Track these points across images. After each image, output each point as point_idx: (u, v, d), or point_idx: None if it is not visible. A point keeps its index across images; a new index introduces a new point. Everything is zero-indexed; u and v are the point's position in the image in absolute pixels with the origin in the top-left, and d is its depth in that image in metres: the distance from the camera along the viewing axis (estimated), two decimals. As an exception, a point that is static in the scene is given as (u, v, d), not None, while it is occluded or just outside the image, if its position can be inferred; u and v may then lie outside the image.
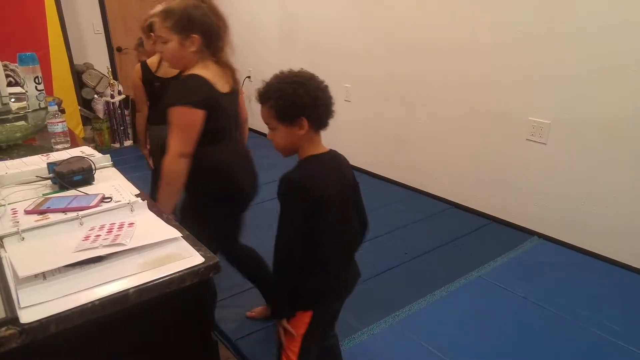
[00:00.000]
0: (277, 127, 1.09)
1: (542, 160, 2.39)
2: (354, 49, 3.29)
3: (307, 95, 1.05)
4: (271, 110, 1.07)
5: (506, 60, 2.43)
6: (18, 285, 0.82)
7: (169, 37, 1.35)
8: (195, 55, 1.38)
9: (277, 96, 1.05)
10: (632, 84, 2.00)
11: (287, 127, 1.08)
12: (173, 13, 1.34)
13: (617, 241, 2.19)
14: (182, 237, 1.00)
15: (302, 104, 1.05)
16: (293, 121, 1.07)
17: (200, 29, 1.36)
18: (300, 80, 1.06)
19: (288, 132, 1.09)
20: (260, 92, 1.09)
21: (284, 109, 1.06)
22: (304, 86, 1.05)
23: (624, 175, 2.11)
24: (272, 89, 1.07)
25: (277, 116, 1.07)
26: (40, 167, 1.35)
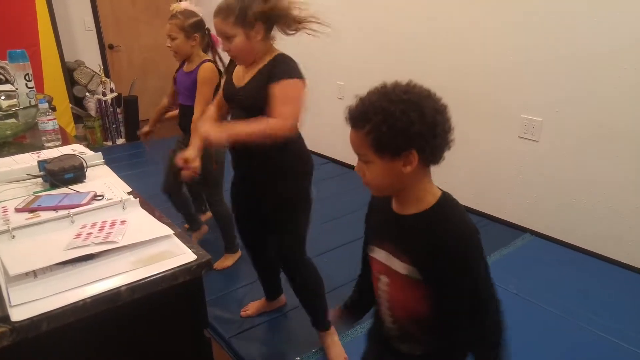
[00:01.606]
0: (373, 160, 0.81)
1: (534, 157, 2.41)
2: (347, 46, 3.29)
3: (421, 121, 0.77)
4: (368, 137, 0.79)
5: (499, 57, 2.45)
6: (9, 283, 0.82)
7: (234, 32, 1.33)
8: (262, 44, 1.37)
9: (379, 119, 0.77)
10: (624, 82, 2.02)
11: (388, 162, 0.80)
12: (232, 7, 1.31)
13: (608, 238, 2.22)
14: (174, 234, 1.00)
15: (413, 133, 0.76)
16: (398, 154, 0.78)
17: (262, 15, 1.33)
18: (413, 99, 0.78)
19: (388, 167, 0.80)
20: (353, 112, 0.83)
21: (387, 138, 0.77)
22: (418, 108, 0.77)
23: (615, 173, 2.13)
24: (371, 109, 0.79)
25: (375, 146, 0.79)
26: (31, 165, 1.34)
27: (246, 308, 1.87)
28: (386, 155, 0.79)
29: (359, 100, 0.84)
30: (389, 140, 0.78)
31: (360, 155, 0.84)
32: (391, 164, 0.80)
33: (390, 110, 0.77)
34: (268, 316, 1.86)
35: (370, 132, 0.79)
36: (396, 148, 0.78)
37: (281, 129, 1.28)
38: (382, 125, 0.77)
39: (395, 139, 0.77)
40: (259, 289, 1.93)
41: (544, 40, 2.24)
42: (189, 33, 1.91)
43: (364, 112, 0.81)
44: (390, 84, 0.82)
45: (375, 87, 0.83)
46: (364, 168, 0.84)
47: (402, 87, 0.81)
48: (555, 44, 2.20)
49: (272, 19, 1.36)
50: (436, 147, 0.81)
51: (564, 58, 2.18)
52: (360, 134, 0.81)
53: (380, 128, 0.77)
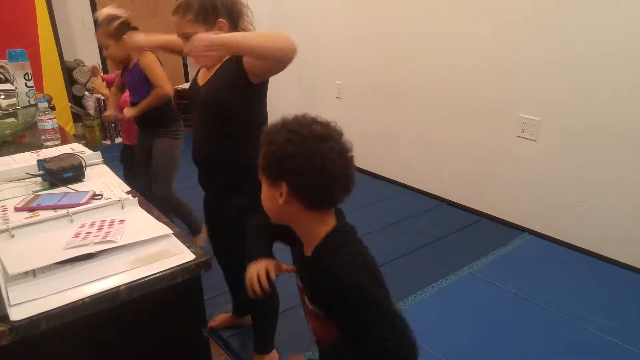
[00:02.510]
0: (261, 179, 0.85)
1: (532, 156, 2.42)
2: (345, 46, 3.29)
3: (300, 155, 0.77)
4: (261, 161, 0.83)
5: (497, 57, 2.45)
6: (8, 282, 0.82)
7: (194, 31, 1.22)
8: None
9: (268, 149, 0.81)
10: (623, 82, 2.02)
11: (269, 187, 0.83)
12: (191, 4, 1.23)
13: (606, 237, 2.22)
14: (172, 234, 1.00)
15: (288, 165, 0.78)
16: (274, 182, 0.81)
17: (224, 10, 1.25)
18: (304, 134, 0.78)
19: (270, 194, 0.84)
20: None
21: (266, 160, 0.81)
22: (301, 144, 0.77)
23: (614, 172, 2.14)
24: (268, 137, 0.82)
25: (261, 164, 0.83)
26: (30, 164, 1.34)
27: (214, 319, 1.80)
28: (267, 178, 0.83)
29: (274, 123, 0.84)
30: (266, 162, 0.81)
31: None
32: (271, 190, 0.83)
33: (275, 141, 0.79)
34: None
35: (263, 157, 0.83)
36: (271, 173, 0.81)
37: (291, 46, 1.16)
38: (268, 147, 0.80)
39: (270, 166, 0.81)
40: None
41: (542, 39, 2.24)
42: (118, 37, 1.91)
43: (264, 139, 0.83)
44: (303, 116, 0.83)
45: (293, 117, 0.83)
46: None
47: (304, 121, 0.81)
48: (554, 43, 2.20)
49: (233, 16, 1.27)
50: (321, 189, 0.79)
51: (563, 57, 2.19)
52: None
53: (265, 149, 0.81)
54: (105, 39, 1.91)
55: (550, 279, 2.10)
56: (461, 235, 2.52)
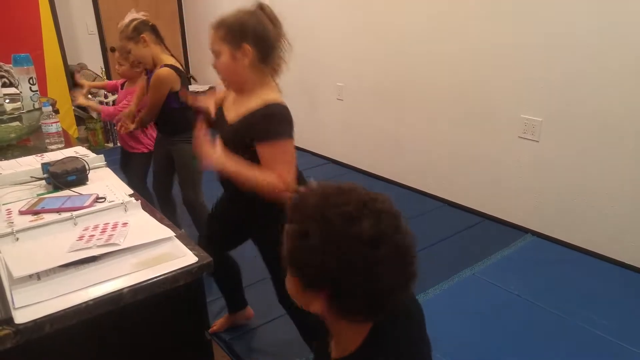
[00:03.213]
0: (223, 50, 0.81)
1: (534, 157, 2.42)
2: (346, 48, 3.30)
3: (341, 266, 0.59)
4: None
5: (498, 58, 2.45)
6: (12, 285, 0.83)
7: (220, 49, 1.21)
8: (249, 72, 1.22)
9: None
10: (624, 81, 2.02)
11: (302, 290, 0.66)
12: (226, 22, 1.21)
13: (609, 238, 2.21)
14: (175, 236, 1.01)
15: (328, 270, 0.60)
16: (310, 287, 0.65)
17: (254, 37, 1.19)
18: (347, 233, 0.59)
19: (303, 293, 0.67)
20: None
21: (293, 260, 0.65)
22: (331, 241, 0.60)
23: (616, 173, 2.13)
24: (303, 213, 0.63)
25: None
26: (34, 168, 1.35)
27: (214, 324, 1.81)
28: (300, 280, 0.65)
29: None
30: (301, 263, 0.63)
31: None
32: (305, 291, 0.64)
33: (311, 230, 0.60)
34: (268, 318, 1.86)
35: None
36: (307, 280, 0.63)
37: (278, 189, 1.17)
38: (298, 241, 0.61)
39: (308, 266, 0.62)
40: (259, 291, 1.93)
41: (543, 40, 2.24)
42: (135, 38, 1.89)
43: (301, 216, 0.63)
44: (343, 201, 0.62)
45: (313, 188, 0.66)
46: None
47: (354, 207, 0.61)
48: (555, 44, 2.20)
49: (264, 47, 1.22)
50: (353, 304, 0.61)
51: (564, 57, 2.18)
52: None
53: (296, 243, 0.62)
54: (126, 43, 1.89)
55: (553, 280, 2.10)
56: (464, 237, 2.51)
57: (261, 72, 1.24)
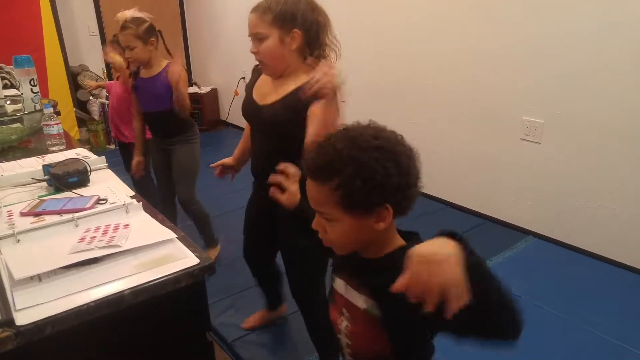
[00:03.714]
0: (340, 217, 0.69)
1: (536, 159, 2.41)
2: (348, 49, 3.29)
3: (398, 172, 0.66)
4: (335, 193, 0.67)
5: (500, 60, 2.45)
6: (14, 287, 0.83)
7: (268, 33, 1.20)
8: (293, 56, 1.25)
9: (350, 172, 0.65)
10: (625, 83, 2.02)
11: (358, 219, 0.68)
12: (273, 7, 1.21)
13: (611, 239, 2.21)
14: (177, 238, 1.00)
15: (390, 186, 0.66)
16: (371, 210, 0.68)
17: (303, 23, 1.21)
18: (386, 146, 0.67)
19: (357, 225, 0.69)
20: (315, 161, 0.69)
21: (360, 194, 0.65)
22: (394, 156, 0.67)
23: (617, 174, 2.13)
24: (339, 159, 0.66)
25: (344, 203, 0.67)
26: (35, 169, 1.35)
27: (247, 320, 1.83)
28: (357, 212, 0.68)
29: (321, 147, 0.70)
30: (362, 196, 0.66)
31: (322, 213, 0.71)
32: (361, 221, 0.68)
33: (363, 161, 0.65)
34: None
35: (339, 187, 0.66)
36: (369, 204, 0.67)
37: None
38: (354, 179, 0.65)
39: (370, 194, 0.66)
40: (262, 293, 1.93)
41: (544, 41, 2.24)
42: (146, 39, 1.91)
43: (329, 163, 0.67)
44: (355, 127, 0.71)
45: (339, 131, 0.71)
46: (325, 225, 0.71)
47: (371, 131, 0.70)
48: (557, 46, 2.20)
49: (311, 32, 1.25)
50: (410, 198, 0.70)
51: (565, 59, 2.18)
52: (324, 189, 0.68)
53: (352, 182, 0.65)
54: (133, 41, 1.88)
55: (554, 282, 2.09)
56: (465, 238, 2.51)
57: (302, 57, 1.26)
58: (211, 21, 4.54)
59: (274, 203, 1.37)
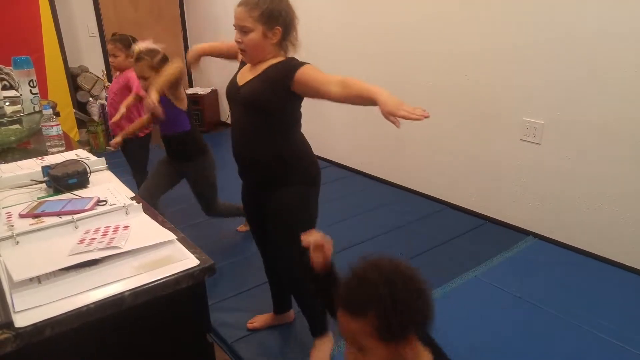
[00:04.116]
0: (374, 347, 0.74)
1: (536, 160, 2.41)
2: (349, 51, 3.30)
3: (424, 307, 0.76)
4: (371, 325, 0.74)
5: (500, 61, 2.45)
6: (13, 289, 0.82)
7: (253, 27, 1.34)
8: (272, 48, 1.40)
9: (388, 307, 0.73)
10: (625, 85, 2.01)
11: (393, 348, 0.75)
12: (259, 4, 1.34)
13: (611, 240, 2.21)
14: (177, 239, 1.00)
15: (419, 314, 0.75)
16: (404, 339, 0.75)
17: (284, 21, 1.38)
18: (416, 284, 0.78)
19: (391, 353, 0.75)
20: (354, 296, 0.77)
21: (396, 325, 0.73)
22: (422, 293, 0.76)
23: (617, 174, 2.13)
24: (377, 295, 0.73)
25: (380, 334, 0.73)
26: (34, 171, 1.34)
27: (253, 320, 1.83)
28: (390, 341, 0.74)
29: (353, 283, 0.78)
30: (398, 327, 0.73)
31: (355, 342, 0.76)
32: (393, 348, 0.75)
33: (399, 298, 0.73)
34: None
35: (377, 319, 0.73)
36: (402, 334, 0.74)
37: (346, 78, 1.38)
38: (391, 313, 0.72)
39: (404, 324, 0.73)
40: (263, 294, 1.93)
41: (546, 43, 2.24)
42: (159, 69, 1.98)
43: (366, 299, 0.74)
44: (380, 263, 0.80)
45: (362, 267, 0.79)
46: (357, 356, 0.77)
47: (392, 265, 0.80)
48: (557, 47, 2.20)
49: (288, 29, 1.40)
50: (429, 323, 0.79)
51: (566, 61, 2.18)
52: (361, 322, 0.74)
53: (389, 316, 0.72)
54: (148, 71, 1.98)
55: (555, 283, 2.09)
56: (466, 239, 2.51)
57: (279, 48, 1.42)
58: (211, 22, 4.54)
59: (264, 199, 1.45)
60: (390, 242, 2.47)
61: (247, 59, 1.44)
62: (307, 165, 1.52)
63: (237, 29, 1.38)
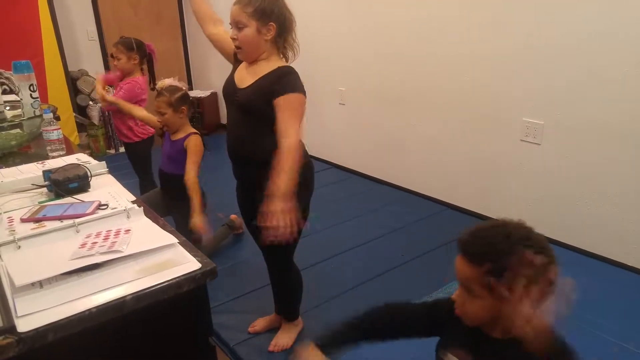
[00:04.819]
0: (481, 295, 0.80)
1: (536, 160, 2.41)
2: (348, 52, 3.31)
3: (538, 280, 0.79)
4: (482, 275, 0.79)
5: (500, 61, 2.45)
6: (15, 293, 0.82)
7: (247, 23, 1.38)
8: (267, 46, 1.42)
9: (499, 265, 0.78)
10: (625, 84, 2.02)
11: (498, 299, 0.79)
12: (253, 1, 1.38)
13: (612, 240, 2.21)
14: (178, 243, 1.00)
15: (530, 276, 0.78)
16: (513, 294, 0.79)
17: (277, 18, 1.40)
18: (538, 247, 0.82)
19: (496, 304, 0.79)
20: (471, 246, 0.83)
21: (504, 281, 0.78)
22: (539, 266, 0.80)
23: (618, 175, 2.13)
24: (493, 252, 0.79)
25: (489, 285, 0.79)
26: (35, 175, 1.35)
27: (254, 324, 1.83)
28: (498, 293, 0.78)
29: (479, 232, 0.84)
30: (505, 282, 0.77)
31: (467, 287, 0.83)
32: (500, 304, 0.79)
33: (511, 260, 0.77)
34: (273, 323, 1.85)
35: (488, 273, 0.78)
36: (510, 287, 0.78)
37: (298, 148, 1.34)
38: (504, 270, 0.77)
39: (512, 281, 0.77)
40: (264, 297, 1.93)
41: (546, 44, 2.24)
42: (177, 107, 2.01)
43: (484, 252, 0.80)
44: (512, 225, 0.83)
45: (494, 222, 0.85)
46: (464, 298, 0.84)
47: (524, 231, 0.82)
48: (557, 47, 2.20)
49: (283, 27, 1.43)
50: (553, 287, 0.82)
51: (566, 60, 2.18)
52: (474, 270, 0.81)
53: (499, 272, 0.77)
54: (165, 107, 2.00)
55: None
56: (466, 240, 2.50)
57: (275, 47, 1.45)
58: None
59: (258, 199, 1.42)
60: (391, 244, 2.47)
61: (242, 55, 1.46)
62: (301, 167, 1.52)
63: (232, 26, 1.42)
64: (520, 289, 0.76)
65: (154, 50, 2.60)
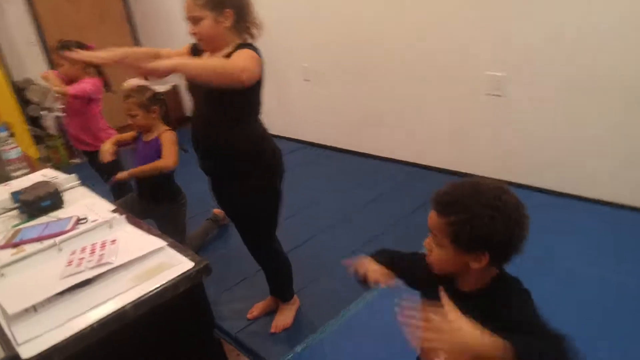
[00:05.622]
0: (446, 246, 0.84)
1: (502, 113, 2.48)
2: (308, 27, 3.25)
3: (503, 233, 0.79)
4: (448, 227, 0.82)
5: (461, 17, 2.46)
6: (10, 322, 0.81)
7: (202, 15, 1.34)
8: (229, 33, 1.39)
9: (464, 217, 0.79)
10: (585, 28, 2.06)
11: (459, 254, 0.82)
12: None
13: (581, 178, 2.31)
14: (167, 245, 1.00)
15: (493, 242, 0.79)
16: (472, 251, 0.81)
17: (232, 3, 1.37)
18: (503, 209, 0.80)
19: (457, 258, 0.83)
20: (441, 198, 0.84)
21: (466, 237, 0.80)
22: (506, 219, 0.79)
23: (581, 117, 2.22)
24: (460, 204, 0.81)
25: (452, 238, 0.82)
26: (4, 198, 1.30)
27: (252, 310, 1.86)
28: (459, 248, 0.81)
29: (450, 187, 0.85)
30: (467, 239, 0.79)
31: (434, 236, 0.86)
32: (461, 256, 0.82)
33: (477, 214, 0.78)
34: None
35: (452, 224, 0.80)
36: (471, 247, 0.80)
37: (234, 71, 1.26)
38: (465, 224, 0.79)
39: (474, 240, 0.79)
40: (257, 283, 1.95)
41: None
42: (148, 108, 1.94)
43: (451, 203, 0.82)
44: (485, 184, 0.83)
45: (469, 180, 0.85)
46: (432, 246, 0.86)
47: (496, 191, 0.81)
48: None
49: (241, 11, 1.40)
50: (509, 255, 0.83)
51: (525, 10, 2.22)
52: (441, 221, 0.83)
53: (462, 225, 0.79)
54: (136, 108, 1.92)
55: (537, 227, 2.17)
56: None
57: (237, 33, 1.41)
58: (161, 15, 4.35)
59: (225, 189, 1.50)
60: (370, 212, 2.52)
61: (207, 48, 1.45)
62: (267, 155, 1.53)
63: (189, 22, 1.38)
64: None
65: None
